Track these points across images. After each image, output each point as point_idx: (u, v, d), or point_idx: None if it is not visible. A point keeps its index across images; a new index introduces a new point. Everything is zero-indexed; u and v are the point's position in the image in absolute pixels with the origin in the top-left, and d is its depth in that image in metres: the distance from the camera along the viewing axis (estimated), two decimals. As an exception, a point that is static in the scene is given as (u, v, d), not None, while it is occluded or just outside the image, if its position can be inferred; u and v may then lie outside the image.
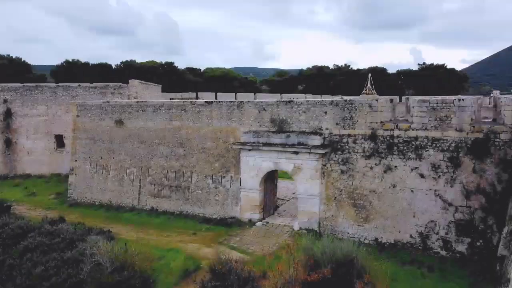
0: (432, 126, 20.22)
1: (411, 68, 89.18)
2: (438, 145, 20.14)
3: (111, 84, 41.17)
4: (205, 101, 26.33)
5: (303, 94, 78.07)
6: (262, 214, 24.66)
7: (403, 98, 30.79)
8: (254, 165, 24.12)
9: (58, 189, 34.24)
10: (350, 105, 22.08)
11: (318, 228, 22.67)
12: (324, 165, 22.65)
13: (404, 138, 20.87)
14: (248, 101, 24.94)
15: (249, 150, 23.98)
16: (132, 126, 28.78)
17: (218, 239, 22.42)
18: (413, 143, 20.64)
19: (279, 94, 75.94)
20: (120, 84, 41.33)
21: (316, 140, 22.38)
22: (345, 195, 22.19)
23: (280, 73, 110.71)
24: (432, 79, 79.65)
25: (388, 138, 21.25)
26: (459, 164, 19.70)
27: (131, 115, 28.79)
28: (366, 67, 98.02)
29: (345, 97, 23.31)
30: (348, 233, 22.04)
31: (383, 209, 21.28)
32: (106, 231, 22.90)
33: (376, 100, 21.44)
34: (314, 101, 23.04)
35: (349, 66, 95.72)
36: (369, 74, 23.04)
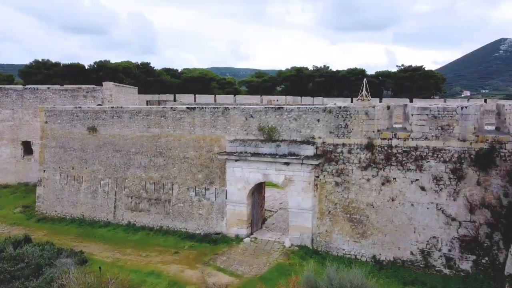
0: (433, 136, 18.83)
1: (389, 70, 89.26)
2: (439, 155, 18.76)
3: (83, 86, 38.45)
4: (187, 107, 24.25)
5: (283, 96, 76.49)
6: (250, 229, 22.78)
7: (400, 104, 29.49)
8: (241, 177, 22.21)
9: (26, 200, 31.39)
10: (345, 112, 20.48)
11: (311, 244, 20.97)
12: (317, 177, 20.98)
13: (403, 148, 19.42)
14: (234, 107, 23.02)
15: (236, 160, 22.06)
16: (107, 133, 26.38)
17: (203, 259, 20.42)
18: (413, 153, 19.21)
19: (259, 95, 74.23)
20: (94, 86, 38.65)
21: (309, 150, 20.68)
22: (340, 209, 20.57)
23: (259, 74, 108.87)
24: (410, 81, 79.70)
25: (386, 148, 19.76)
26: (463, 176, 18.37)
27: (106, 122, 26.38)
28: (345, 68, 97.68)
29: (338, 103, 21.70)
30: (344, 249, 20.44)
31: (381, 224, 19.76)
32: (78, 252, 20.57)
33: (373, 107, 19.92)
34: (306, 107, 21.33)
35: (328, 67, 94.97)
36: (364, 79, 21.45)
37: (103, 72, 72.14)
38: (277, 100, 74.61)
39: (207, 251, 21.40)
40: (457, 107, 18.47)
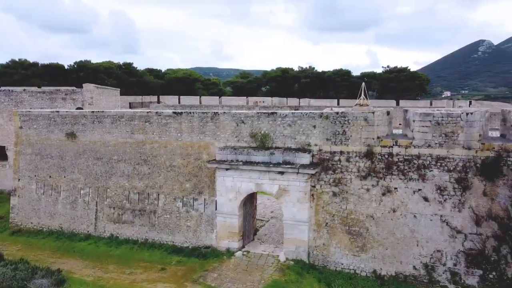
0: (436, 143, 17.75)
1: (374, 71, 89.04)
2: (443, 164, 17.68)
3: (62, 88, 36.39)
4: (173, 112, 22.67)
5: (269, 98, 75.23)
6: (242, 241, 21.35)
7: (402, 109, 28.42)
8: (232, 187, 20.77)
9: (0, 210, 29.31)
10: (343, 118, 19.24)
11: (307, 258, 19.67)
12: (313, 187, 19.69)
13: (405, 156, 18.29)
14: (224, 112, 21.56)
15: (227, 169, 20.59)
16: (87, 140, 24.56)
17: (192, 276, 18.92)
18: (415, 162, 18.09)
19: (245, 97, 72.83)
20: (73, 88, 36.63)
21: (305, 158, 19.37)
22: (338, 220, 19.33)
23: (244, 74, 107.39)
24: (395, 82, 79.45)
25: (386, 156, 18.59)
26: (468, 186, 17.33)
27: (86, 127, 24.56)
28: (330, 69, 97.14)
29: (335, 108, 20.47)
30: (342, 264, 19.20)
31: (382, 237, 18.59)
32: (55, 272, 18.79)
33: (373, 112, 18.73)
34: (301, 113, 20.02)
35: (313, 68, 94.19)
36: (363, 83, 20.28)
37: (84, 73, 69.54)
38: (263, 102, 73.31)
39: (196, 267, 19.90)
40: (462, 113, 17.42)
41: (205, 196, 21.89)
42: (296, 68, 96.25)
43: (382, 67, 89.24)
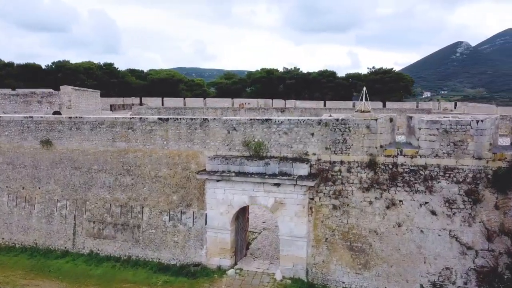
0: (444, 153, 16.48)
1: (359, 72, 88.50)
2: (452, 175, 16.43)
3: (37, 91, 34.05)
4: (159, 118, 20.87)
5: (255, 99, 73.68)
6: (234, 258, 19.72)
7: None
8: (223, 200, 19.11)
9: (-32, 224, 26.89)
10: (343, 126, 17.81)
11: (305, 277, 18.17)
12: (312, 199, 18.21)
13: (410, 166, 16.97)
14: (214, 119, 19.88)
15: (218, 181, 18.94)
16: (64, 148, 22.52)
17: (181, 299, 17.21)
18: (422, 172, 16.79)
19: (230, 98, 71.12)
20: (50, 91, 34.37)
21: (303, 169, 17.85)
22: (339, 236, 17.89)
23: (228, 75, 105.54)
24: (381, 83, 78.98)
25: (390, 167, 17.24)
26: (479, 199, 16.12)
27: (62, 134, 22.51)
28: (316, 70, 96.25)
29: (334, 115, 19.06)
30: (344, 282, 17.77)
31: (386, 253, 17.24)
32: (27, 298, 16.81)
33: (376, 119, 17.35)
34: (298, 119, 18.50)
35: (298, 69, 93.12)
36: (364, 88, 18.95)
37: (62, 73, 66.72)
38: (249, 103, 71.76)
39: (185, 287, 18.19)
40: (472, 120, 16.19)
41: (194, 209, 20.18)
42: (281, 69, 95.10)
43: (368, 68, 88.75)
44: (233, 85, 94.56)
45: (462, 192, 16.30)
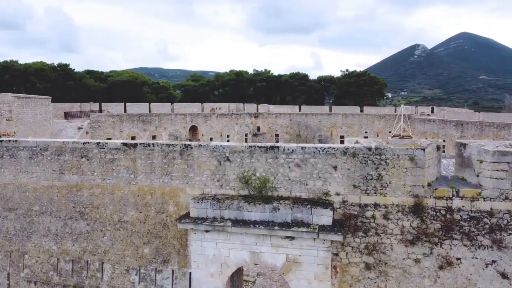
0: (517, 195, 12.13)
1: (332, 75, 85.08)
2: (528, 225, 12.10)
3: (-33, 99, 27.22)
4: (123, 143, 15.36)
5: (226, 104, 68.16)
6: (229, 332, 14.59)
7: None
8: (215, 256, 13.92)
9: None
10: (377, 157, 13.10)
11: None
12: (336, 255, 13.40)
13: (471, 212, 12.51)
14: (200, 145, 14.62)
15: (207, 231, 13.74)
16: (-8, 182, 16.52)
17: None
18: (487, 221, 12.37)
19: (200, 103, 65.30)
20: (-16, 99, 27.61)
21: (325, 216, 12.98)
22: (374, 304, 13.18)
23: (195, 77, 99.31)
24: (355, 86, 75.79)
25: (443, 212, 12.71)
26: None
27: (-10, 164, 16.50)
28: (282, 72, 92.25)
29: (363, 141, 14.32)
30: None
31: (439, 330, 12.70)
32: None
33: (422, 149, 12.75)
34: (315, 148, 13.62)
35: (269, 71, 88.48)
36: (402, 105, 14.81)
37: (9, 76, 58.43)
38: (220, 108, 66.18)
39: None
40: (555, 152, 11.92)
41: (173, 267, 14.84)
42: (250, 71, 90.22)
43: (341, 71, 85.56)
44: (201, 87, 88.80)
45: (542, 248, 12.03)
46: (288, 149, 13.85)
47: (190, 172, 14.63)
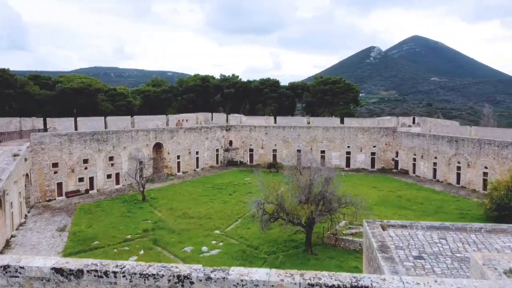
0: None
1: (304, 81, 79.37)
2: None
3: None
4: (54, 270, 7.81)
5: (194, 114, 60.25)
6: None
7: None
8: None
9: None
10: None
11: None
12: None
13: None
14: (209, 277, 7.41)
15: None
16: None
17: None
18: None
19: (164, 115, 57.02)
20: None
21: None
22: None
23: (155, 81, 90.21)
24: (331, 94, 70.27)
25: None
26: None
27: None
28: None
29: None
30: None
31: None
32: None
33: None
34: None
35: (237, 76, 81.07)
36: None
37: None
38: (187, 120, 58.08)
39: None
40: None
41: None
42: (217, 76, 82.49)
43: (315, 77, 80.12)
44: (163, 93, 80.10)
45: None
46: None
47: (190, 328, 7.32)
